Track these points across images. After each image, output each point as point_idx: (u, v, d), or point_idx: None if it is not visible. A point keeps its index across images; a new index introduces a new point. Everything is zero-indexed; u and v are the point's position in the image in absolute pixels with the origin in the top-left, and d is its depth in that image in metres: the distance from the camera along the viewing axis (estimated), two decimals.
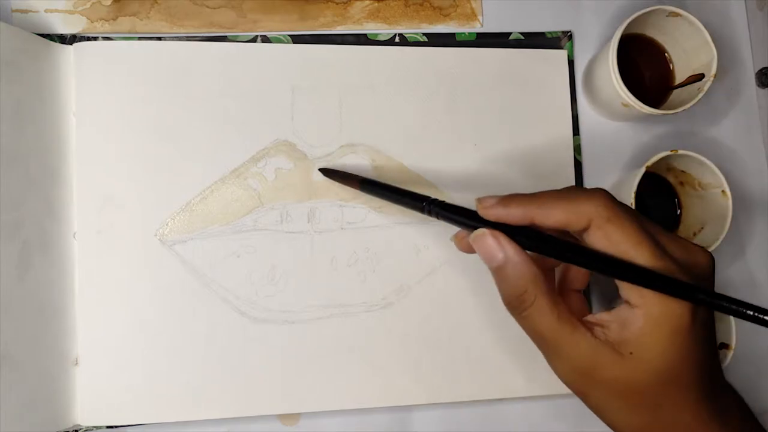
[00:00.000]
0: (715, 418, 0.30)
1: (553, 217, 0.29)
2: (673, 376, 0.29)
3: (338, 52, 0.43)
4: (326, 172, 0.42)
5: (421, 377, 0.42)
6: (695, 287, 0.27)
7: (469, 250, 0.32)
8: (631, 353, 0.28)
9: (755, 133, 0.47)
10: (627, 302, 0.29)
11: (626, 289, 0.28)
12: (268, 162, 0.42)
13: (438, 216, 0.33)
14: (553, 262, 0.34)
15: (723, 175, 0.40)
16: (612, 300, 0.44)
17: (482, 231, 0.30)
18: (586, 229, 0.28)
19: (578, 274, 0.35)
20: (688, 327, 0.28)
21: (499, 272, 0.30)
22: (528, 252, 0.30)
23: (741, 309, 0.25)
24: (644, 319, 0.28)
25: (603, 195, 0.29)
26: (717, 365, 0.31)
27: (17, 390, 0.37)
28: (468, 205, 0.32)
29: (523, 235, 0.29)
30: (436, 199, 0.34)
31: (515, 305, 0.30)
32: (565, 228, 0.29)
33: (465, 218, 0.32)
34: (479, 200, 0.30)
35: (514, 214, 0.29)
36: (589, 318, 0.30)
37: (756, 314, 0.25)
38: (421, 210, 0.34)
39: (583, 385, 0.29)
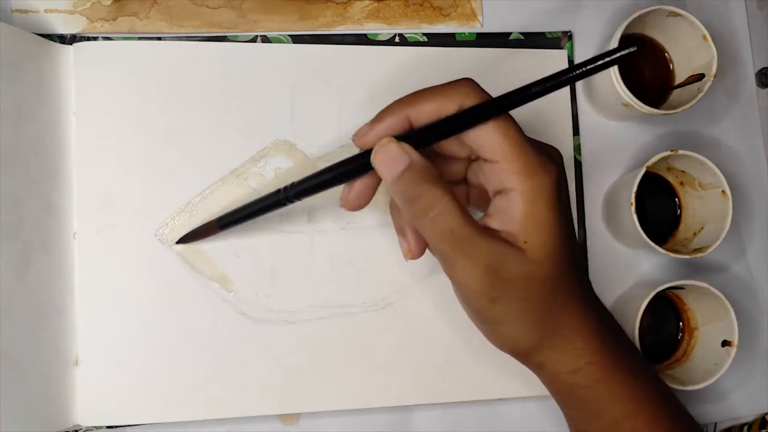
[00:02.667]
0: (592, 309, 0.32)
1: (426, 109, 0.29)
2: (564, 260, 0.30)
3: (338, 52, 0.43)
4: (184, 240, 0.40)
5: (421, 377, 0.42)
6: (569, 68, 0.28)
7: (361, 200, 0.32)
8: (525, 242, 0.29)
9: (755, 133, 0.47)
10: (500, 192, 0.29)
11: (499, 174, 0.29)
12: (267, 162, 0.42)
13: (302, 195, 0.32)
14: (454, 176, 0.34)
15: (723, 175, 0.40)
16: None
17: (384, 141, 0.29)
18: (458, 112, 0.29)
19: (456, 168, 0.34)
20: (558, 201, 0.29)
21: (403, 177, 0.29)
22: None
23: (605, 59, 0.27)
24: (521, 198, 0.28)
25: (470, 81, 0.30)
26: (581, 257, 0.32)
27: (17, 390, 0.37)
28: None
29: (409, 141, 0.29)
30: (289, 185, 0.33)
31: (422, 207, 0.29)
32: (438, 117, 0.29)
33: (338, 171, 0.31)
34: (353, 136, 0.31)
35: (391, 124, 0.30)
36: (479, 222, 0.30)
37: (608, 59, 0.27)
38: (282, 204, 0.33)
39: (491, 287, 0.29)
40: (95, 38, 0.42)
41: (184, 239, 0.40)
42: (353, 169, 0.31)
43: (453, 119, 0.29)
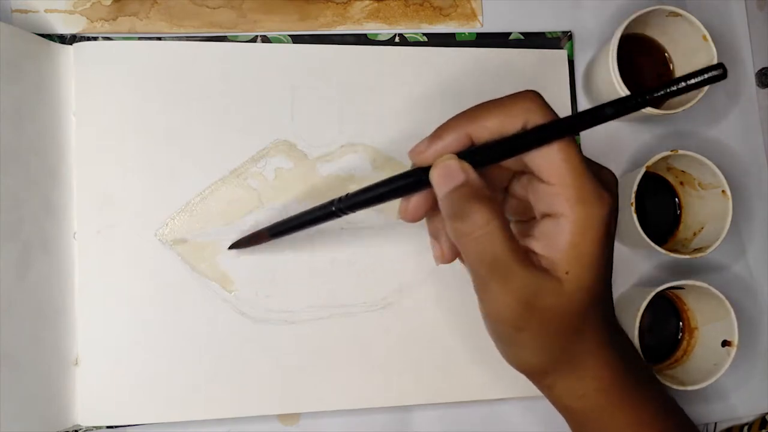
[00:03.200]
0: (610, 340, 0.31)
1: (488, 126, 0.28)
2: (597, 293, 0.29)
3: (338, 52, 0.43)
4: (236, 245, 0.41)
5: (421, 377, 0.42)
6: (647, 89, 0.27)
7: (418, 214, 0.31)
8: (567, 273, 0.28)
9: (755, 133, 0.47)
10: (549, 215, 0.28)
11: (552, 197, 0.28)
12: (268, 162, 0.42)
13: (354, 208, 0.31)
14: (497, 183, 0.33)
15: (723, 175, 0.40)
16: None
17: (445, 157, 0.28)
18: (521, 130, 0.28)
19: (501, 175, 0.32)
20: (606, 235, 0.28)
21: (455, 193, 0.28)
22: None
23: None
24: (571, 227, 0.27)
25: (534, 95, 0.28)
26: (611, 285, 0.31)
27: (17, 390, 0.37)
28: None
29: (469, 158, 0.28)
30: (343, 196, 0.31)
31: (469, 226, 0.28)
32: (501, 134, 0.28)
33: (394, 184, 0.30)
34: (410, 151, 0.30)
35: (450, 141, 0.28)
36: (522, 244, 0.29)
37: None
38: (334, 214, 0.32)
39: (521, 318, 0.28)
40: (95, 38, 0.42)
41: (236, 245, 0.40)
42: (411, 183, 0.30)
43: (516, 139, 0.27)
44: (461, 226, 0.28)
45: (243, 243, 0.40)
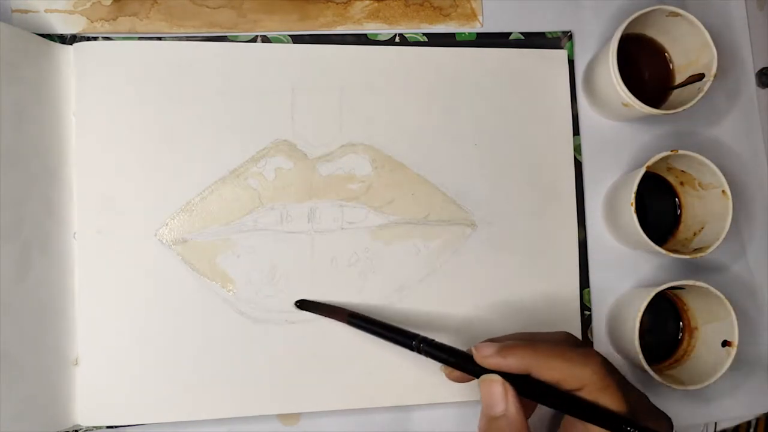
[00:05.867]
0: None
1: (548, 374, 0.31)
2: None
3: (338, 52, 0.43)
4: (304, 305, 0.41)
5: (421, 377, 0.42)
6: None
7: (461, 380, 0.34)
8: None
9: (755, 133, 0.47)
10: None
11: None
12: (268, 162, 0.42)
13: (427, 355, 0.34)
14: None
15: (723, 175, 0.40)
16: None
17: (494, 377, 0.31)
18: (577, 390, 0.31)
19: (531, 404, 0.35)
20: None
21: (493, 421, 0.31)
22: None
23: None
24: None
25: (598, 362, 0.31)
26: None
27: (17, 390, 0.37)
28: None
29: (521, 383, 0.31)
30: (425, 338, 0.35)
31: None
32: (558, 383, 0.31)
33: (458, 360, 0.33)
34: (477, 348, 0.32)
35: (511, 365, 0.31)
36: None
37: None
38: (411, 348, 0.35)
39: None
40: (95, 38, 0.42)
41: (305, 305, 0.41)
42: (470, 370, 0.33)
43: (566, 401, 0.31)
44: None
45: (315, 307, 0.41)
